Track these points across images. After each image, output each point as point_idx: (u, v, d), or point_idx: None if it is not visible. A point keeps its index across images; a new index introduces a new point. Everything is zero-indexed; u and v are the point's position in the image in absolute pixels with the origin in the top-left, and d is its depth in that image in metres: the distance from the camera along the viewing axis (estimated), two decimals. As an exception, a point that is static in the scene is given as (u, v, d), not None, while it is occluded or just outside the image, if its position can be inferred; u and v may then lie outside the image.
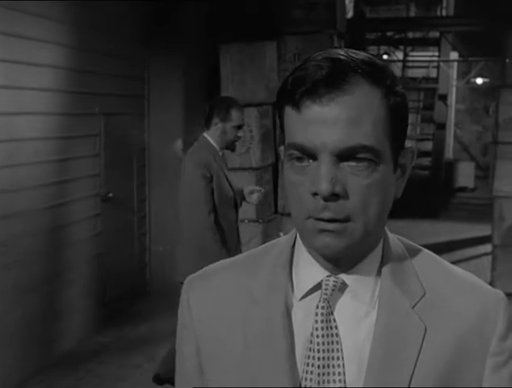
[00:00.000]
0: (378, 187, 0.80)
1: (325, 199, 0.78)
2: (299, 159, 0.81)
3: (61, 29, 4.39)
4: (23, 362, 4.00)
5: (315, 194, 0.79)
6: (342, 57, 0.80)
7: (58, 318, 4.43)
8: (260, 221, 6.10)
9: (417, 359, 0.83)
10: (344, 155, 0.79)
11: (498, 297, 0.88)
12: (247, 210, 6.10)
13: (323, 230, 0.80)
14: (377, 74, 0.80)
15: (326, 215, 0.79)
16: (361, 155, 0.79)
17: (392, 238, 0.91)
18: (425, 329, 0.84)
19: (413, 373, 0.83)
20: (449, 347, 0.84)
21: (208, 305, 0.92)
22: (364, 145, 0.78)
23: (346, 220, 0.80)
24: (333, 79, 0.78)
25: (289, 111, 0.82)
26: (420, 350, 0.83)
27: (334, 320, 0.85)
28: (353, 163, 0.79)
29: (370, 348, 0.84)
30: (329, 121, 0.78)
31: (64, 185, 4.47)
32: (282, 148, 0.88)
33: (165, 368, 3.68)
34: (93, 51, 4.76)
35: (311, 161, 0.80)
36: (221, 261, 0.99)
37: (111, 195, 5.02)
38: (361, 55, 0.82)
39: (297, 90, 0.79)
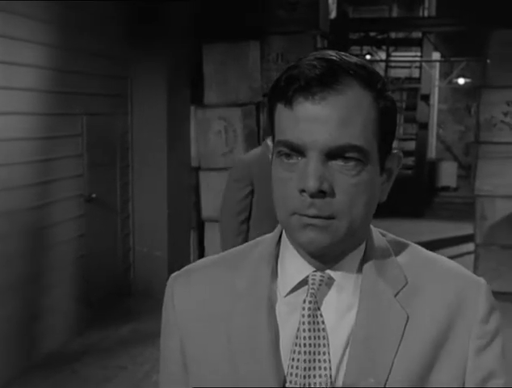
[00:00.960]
0: (364, 187, 0.82)
1: (312, 196, 0.79)
2: (288, 156, 0.82)
3: (44, 28, 4.35)
4: (6, 364, 3.96)
5: (302, 191, 0.80)
6: (335, 58, 0.81)
7: (42, 320, 4.39)
8: (244, 221, 6.10)
9: (399, 347, 0.84)
10: (333, 154, 0.80)
11: (479, 283, 0.90)
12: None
13: (308, 225, 0.81)
14: (369, 78, 0.82)
15: (312, 212, 0.80)
16: (349, 155, 0.80)
17: (375, 231, 0.92)
18: (408, 317, 0.86)
19: (393, 360, 0.83)
20: (431, 333, 0.85)
21: (192, 301, 0.93)
22: (353, 145, 0.79)
23: (331, 217, 0.81)
24: (327, 78, 0.79)
25: (281, 109, 0.83)
26: (402, 338, 0.85)
27: (321, 315, 0.86)
28: (341, 162, 0.80)
29: (351, 337, 0.85)
30: (320, 119, 0.79)
31: (47, 186, 4.43)
32: (269, 143, 0.89)
33: None
34: (75, 50, 4.72)
35: (300, 158, 0.81)
36: (205, 258, 1.00)
37: (94, 195, 4.98)
38: (353, 58, 0.83)
39: (290, 87, 0.81)
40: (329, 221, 0.81)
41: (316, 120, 0.79)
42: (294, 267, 0.89)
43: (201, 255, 6.17)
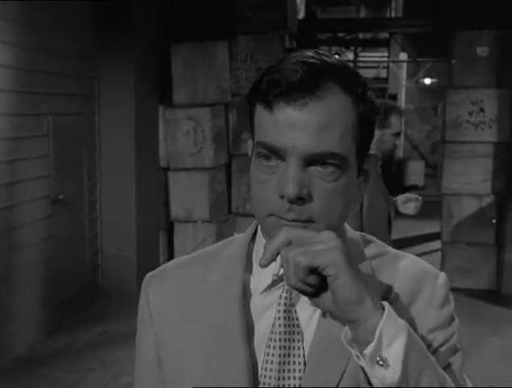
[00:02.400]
0: (342, 191, 0.83)
1: (291, 201, 0.80)
2: (267, 158, 0.83)
3: (8, 27, 4.28)
4: (-30, 369, 3.88)
5: (282, 196, 0.81)
6: (316, 61, 0.81)
7: (8, 323, 4.32)
8: (214, 221, 6.09)
9: None
10: (312, 160, 0.81)
11: (439, 274, 0.93)
12: (200, 211, 6.09)
13: (286, 226, 0.82)
14: (350, 81, 0.83)
15: (290, 216, 0.82)
16: (328, 161, 0.81)
17: (350, 229, 0.95)
18: None
19: None
20: None
21: (166, 299, 0.94)
22: (332, 152, 0.80)
23: (309, 221, 0.82)
24: (308, 84, 0.79)
25: (260, 110, 0.83)
26: None
27: (295, 311, 0.87)
28: (320, 168, 0.81)
29: (315, 329, 0.87)
30: (300, 125, 0.80)
31: (12, 187, 4.36)
32: (250, 143, 0.89)
33: None
34: (41, 50, 4.66)
35: (279, 161, 0.82)
36: (180, 257, 1.01)
37: (61, 196, 4.92)
38: (334, 59, 0.84)
39: (271, 91, 0.81)
40: (307, 225, 0.82)
41: (297, 125, 0.79)
42: (271, 264, 0.89)
43: (171, 255, 6.14)
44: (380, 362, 0.74)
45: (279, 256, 0.77)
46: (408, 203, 3.32)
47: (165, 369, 0.93)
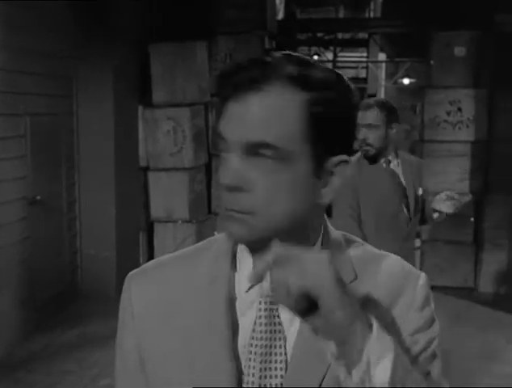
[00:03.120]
0: (286, 187, 0.83)
1: (229, 190, 0.83)
2: (224, 152, 0.86)
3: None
4: None
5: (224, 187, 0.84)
6: (268, 60, 0.83)
7: (-16, 326, 4.26)
8: (193, 221, 6.07)
9: None
10: (251, 151, 0.82)
11: (419, 275, 0.94)
12: (179, 211, 6.07)
13: (229, 217, 0.85)
14: (304, 81, 0.82)
15: (230, 205, 0.84)
16: (266, 152, 0.82)
17: (333, 230, 0.95)
18: None
19: None
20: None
21: (149, 299, 0.94)
22: (268, 143, 0.81)
23: (250, 212, 0.83)
24: (253, 80, 0.82)
25: (220, 106, 0.87)
26: None
27: (277, 310, 0.88)
28: (259, 159, 0.82)
29: (298, 328, 0.87)
30: (239, 117, 0.82)
31: (-12, 188, 4.31)
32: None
33: None
34: (18, 49, 4.60)
35: (228, 154, 0.85)
36: (163, 256, 1.01)
37: (38, 197, 4.87)
38: (295, 59, 0.84)
39: (221, 89, 0.85)
40: (247, 216, 0.83)
41: (237, 118, 0.83)
42: (251, 264, 0.90)
43: (151, 256, 6.11)
44: (367, 384, 0.75)
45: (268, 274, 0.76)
46: (449, 201, 3.04)
47: (148, 371, 0.92)
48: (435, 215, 3.06)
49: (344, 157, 0.87)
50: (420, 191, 3.14)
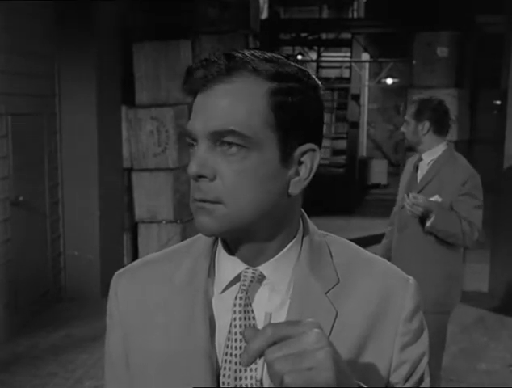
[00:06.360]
0: (252, 175, 0.83)
1: (195, 180, 0.83)
2: (191, 146, 0.86)
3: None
4: None
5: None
6: (236, 54, 0.84)
7: (-34, 329, 4.22)
8: (178, 222, 6.06)
9: None
10: (216, 139, 0.83)
11: (408, 282, 0.93)
12: (164, 211, 6.05)
13: (198, 209, 0.84)
14: (269, 72, 0.83)
15: (198, 195, 0.84)
16: (230, 140, 0.82)
17: (314, 228, 0.94)
18: (336, 314, 0.88)
19: None
20: (359, 329, 0.88)
21: (134, 297, 0.95)
22: (231, 130, 0.82)
23: (217, 202, 0.83)
24: (220, 74, 0.83)
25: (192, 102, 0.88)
26: (330, 333, 0.86)
27: (252, 311, 0.87)
28: (224, 147, 0.83)
29: None
30: (204, 108, 0.84)
31: (-30, 189, 4.26)
32: None
33: None
34: (-1, 48, 4.56)
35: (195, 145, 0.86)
36: (150, 255, 1.02)
37: (21, 198, 4.82)
38: (262, 54, 0.85)
39: (188, 82, 0.86)
40: (215, 205, 0.83)
41: (203, 109, 0.84)
42: (228, 263, 0.90)
43: (135, 257, 6.08)
44: None
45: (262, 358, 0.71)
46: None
47: (131, 367, 0.93)
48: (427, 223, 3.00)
49: (312, 145, 0.87)
50: (435, 198, 3.05)
